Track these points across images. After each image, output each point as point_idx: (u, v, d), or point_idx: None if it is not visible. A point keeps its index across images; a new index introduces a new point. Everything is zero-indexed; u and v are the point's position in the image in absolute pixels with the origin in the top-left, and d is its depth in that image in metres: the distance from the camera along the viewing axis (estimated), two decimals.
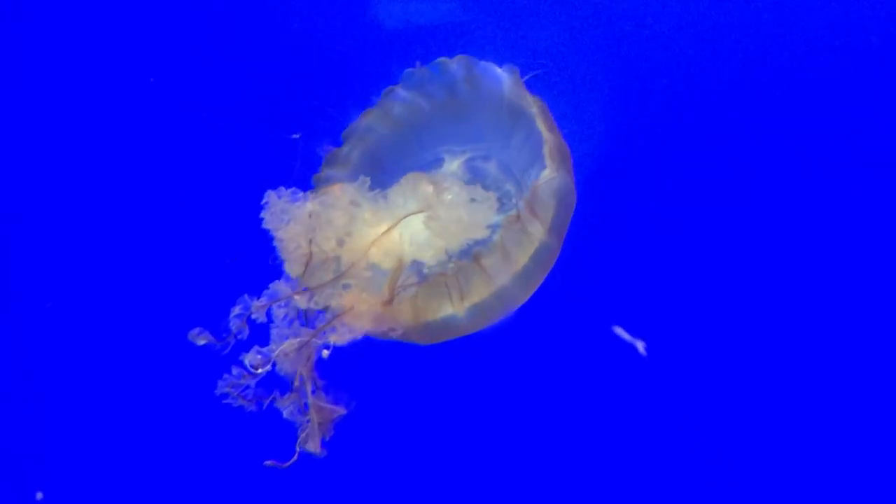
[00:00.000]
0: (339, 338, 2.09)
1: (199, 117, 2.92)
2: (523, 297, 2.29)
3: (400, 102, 2.45)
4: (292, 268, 2.10)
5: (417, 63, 2.43)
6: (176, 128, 2.98)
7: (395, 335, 2.23)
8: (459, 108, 2.45)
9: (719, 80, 2.90)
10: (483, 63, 2.38)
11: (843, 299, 2.85)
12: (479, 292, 2.19)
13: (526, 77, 2.36)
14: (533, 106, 2.31)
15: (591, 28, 2.94)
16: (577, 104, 2.83)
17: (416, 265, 2.29)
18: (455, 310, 2.20)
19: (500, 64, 2.60)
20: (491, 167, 2.48)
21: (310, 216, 2.14)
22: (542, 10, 2.96)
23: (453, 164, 2.46)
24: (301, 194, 2.18)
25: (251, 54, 3.03)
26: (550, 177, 2.18)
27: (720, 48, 2.91)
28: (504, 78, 2.36)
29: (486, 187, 2.34)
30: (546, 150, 2.20)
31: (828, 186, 2.86)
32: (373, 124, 2.46)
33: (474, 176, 2.46)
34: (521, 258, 2.21)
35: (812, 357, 2.85)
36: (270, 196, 2.16)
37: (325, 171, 2.50)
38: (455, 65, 2.40)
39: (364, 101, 2.73)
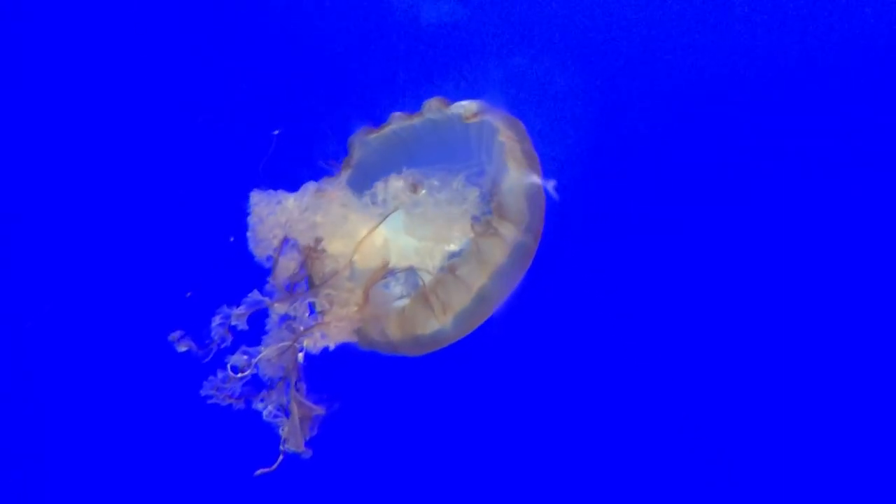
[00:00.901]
0: (314, 343, 2.17)
1: (194, 119, 2.97)
2: (504, 296, 2.35)
3: (396, 124, 2.52)
4: (260, 254, 2.19)
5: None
6: (169, 129, 3.01)
7: (384, 349, 2.29)
8: (447, 131, 2.51)
9: (701, 87, 2.90)
10: (455, 103, 2.46)
11: (833, 301, 2.85)
12: (461, 300, 2.25)
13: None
14: (496, 122, 2.40)
15: (589, 29, 2.95)
16: (566, 106, 2.86)
17: (410, 275, 2.36)
18: (441, 323, 2.27)
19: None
20: (485, 182, 2.53)
21: (288, 212, 2.22)
22: (541, 9, 2.98)
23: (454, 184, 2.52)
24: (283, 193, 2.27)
25: (252, 52, 3.07)
26: (514, 179, 2.26)
27: (702, 57, 2.91)
28: (466, 106, 2.44)
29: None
30: (507, 156, 2.29)
31: (814, 193, 2.87)
32: (368, 143, 2.52)
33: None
34: (498, 258, 2.26)
35: (798, 357, 2.85)
36: (254, 195, 2.25)
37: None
38: (434, 101, 2.47)
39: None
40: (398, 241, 2.34)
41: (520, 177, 2.29)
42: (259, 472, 2.16)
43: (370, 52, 3.05)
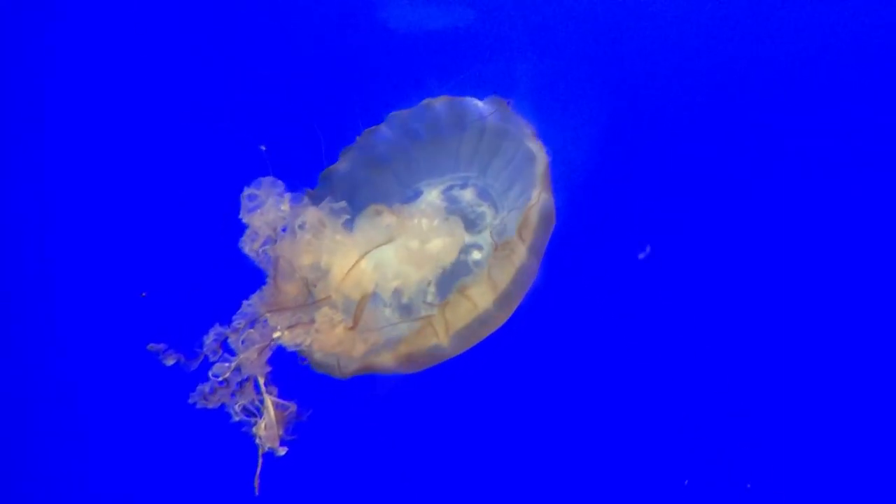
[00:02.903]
0: (290, 340, 2.13)
1: (201, 123, 2.96)
2: (504, 318, 2.30)
3: (382, 142, 2.47)
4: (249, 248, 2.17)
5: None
6: (168, 131, 3.00)
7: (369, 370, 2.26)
8: (438, 143, 2.47)
9: (719, 93, 2.89)
10: (466, 99, 2.41)
11: (836, 305, 2.82)
12: (464, 319, 2.20)
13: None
14: (525, 128, 2.35)
15: (595, 34, 2.93)
16: (570, 114, 2.84)
17: (395, 295, 2.32)
18: (440, 340, 2.21)
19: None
20: (467, 193, 2.49)
21: (279, 212, 2.18)
22: (548, 14, 2.95)
23: (431, 195, 2.48)
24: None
25: (257, 57, 3.05)
26: (542, 198, 2.21)
27: (721, 63, 2.89)
28: (489, 110, 2.39)
29: (459, 212, 2.39)
30: (539, 171, 2.23)
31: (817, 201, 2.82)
32: (350, 168, 2.47)
33: (450, 204, 2.48)
34: (504, 281, 2.21)
35: (806, 362, 2.82)
36: (264, 180, 2.20)
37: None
38: (438, 104, 2.42)
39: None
40: (382, 258, 2.28)
41: (545, 195, 2.23)
42: (256, 486, 2.13)
43: (378, 57, 3.03)
